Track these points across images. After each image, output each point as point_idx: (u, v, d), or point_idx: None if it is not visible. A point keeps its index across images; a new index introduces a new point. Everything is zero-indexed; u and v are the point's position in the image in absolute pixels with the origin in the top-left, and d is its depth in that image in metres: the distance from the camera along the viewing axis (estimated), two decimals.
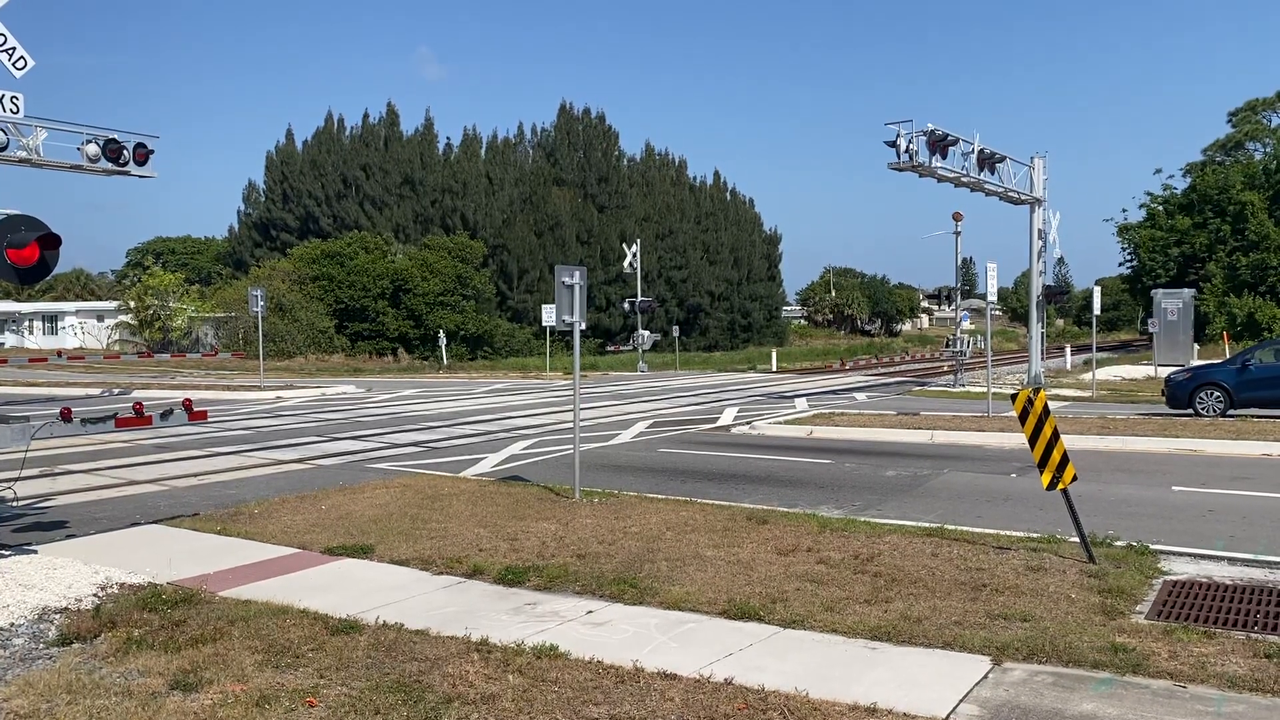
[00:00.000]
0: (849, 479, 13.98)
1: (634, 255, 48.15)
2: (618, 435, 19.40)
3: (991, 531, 9.94)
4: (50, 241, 8.10)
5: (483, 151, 69.05)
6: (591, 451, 16.60)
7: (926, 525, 10.26)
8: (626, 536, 9.73)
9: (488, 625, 6.99)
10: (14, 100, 8.27)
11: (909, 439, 18.38)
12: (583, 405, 18.86)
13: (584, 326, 12.34)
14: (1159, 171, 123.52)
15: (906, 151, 22.18)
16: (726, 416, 23.09)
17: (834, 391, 31.27)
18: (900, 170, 22.63)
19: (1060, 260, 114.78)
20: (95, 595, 7.79)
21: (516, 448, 17.48)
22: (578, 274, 11.93)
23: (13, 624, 7.12)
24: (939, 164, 23.30)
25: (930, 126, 22.81)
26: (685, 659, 6.28)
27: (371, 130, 67.05)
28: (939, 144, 23.17)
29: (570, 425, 13.50)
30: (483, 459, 16.05)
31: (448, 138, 69.57)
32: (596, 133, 70.57)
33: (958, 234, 34.48)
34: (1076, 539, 8.76)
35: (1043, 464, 8.71)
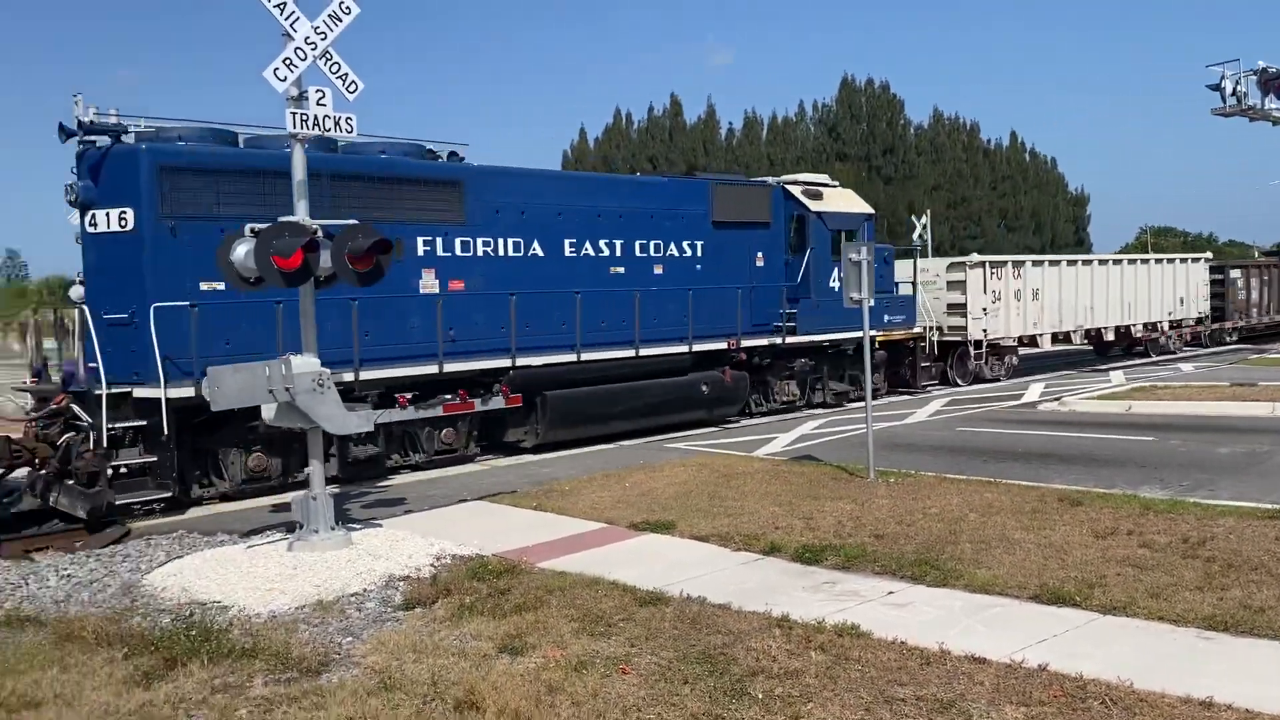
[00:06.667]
0: (1174, 457, 12.86)
1: (924, 226, 46.49)
2: (912, 414, 18.90)
3: None
4: (382, 246, 9.00)
5: (764, 133, 69.15)
6: (884, 430, 16.26)
7: (1268, 507, 9.29)
8: (925, 518, 9.51)
9: (787, 602, 7.09)
10: (348, 121, 9.24)
11: (1245, 412, 16.61)
12: None
13: (872, 304, 12.13)
14: None
15: (1233, 94, 20.05)
16: (1032, 392, 21.85)
17: (1154, 362, 28.76)
18: (1226, 115, 20.54)
19: None
20: (432, 565, 8.63)
21: (807, 427, 17.45)
22: (864, 250, 11.73)
23: (365, 589, 8.04)
24: (1273, 105, 20.86)
25: (1261, 64, 20.45)
26: (994, 643, 6.09)
27: (656, 123, 68.90)
28: (1272, 83, 20.72)
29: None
30: (774, 439, 16.16)
31: (729, 123, 70.21)
32: (880, 103, 68.65)
33: None
34: None
35: None
